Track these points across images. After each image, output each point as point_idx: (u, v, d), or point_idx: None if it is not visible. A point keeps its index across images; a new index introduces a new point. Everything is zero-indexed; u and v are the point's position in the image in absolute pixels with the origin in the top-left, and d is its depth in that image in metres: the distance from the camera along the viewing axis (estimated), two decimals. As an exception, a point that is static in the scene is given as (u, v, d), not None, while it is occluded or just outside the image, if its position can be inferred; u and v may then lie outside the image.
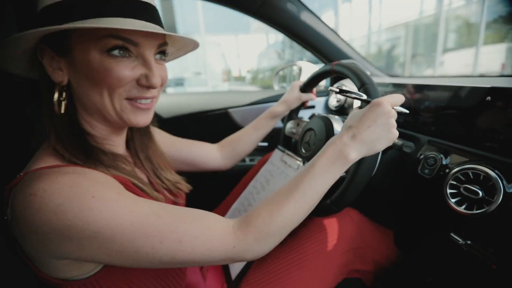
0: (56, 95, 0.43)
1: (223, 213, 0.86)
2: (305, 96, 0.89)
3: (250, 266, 0.62)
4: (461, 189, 0.52)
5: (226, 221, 0.44)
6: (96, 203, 0.35)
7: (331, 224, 0.72)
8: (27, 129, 0.62)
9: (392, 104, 0.49)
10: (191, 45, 0.54)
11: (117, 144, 0.52)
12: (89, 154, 0.43)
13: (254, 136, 0.88)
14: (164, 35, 0.45)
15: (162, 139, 0.74)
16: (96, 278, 0.42)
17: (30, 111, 0.63)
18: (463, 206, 0.52)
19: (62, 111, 0.43)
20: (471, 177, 0.52)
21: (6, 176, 0.41)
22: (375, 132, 0.46)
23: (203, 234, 0.40)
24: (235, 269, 0.64)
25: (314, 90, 0.91)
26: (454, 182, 0.54)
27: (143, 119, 0.47)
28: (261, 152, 1.30)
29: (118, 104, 0.44)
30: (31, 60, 0.44)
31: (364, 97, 0.54)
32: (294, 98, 0.88)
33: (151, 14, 0.43)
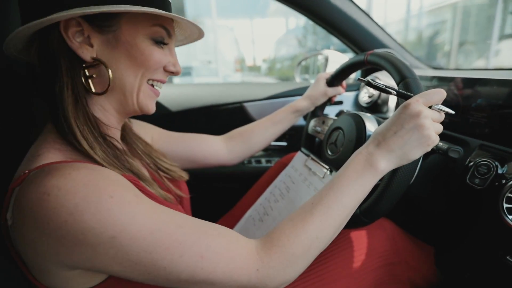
0: (86, 72, 0.46)
1: (234, 221, 0.87)
2: (332, 91, 0.88)
3: None
4: (521, 204, 0.50)
5: (249, 241, 0.45)
6: (114, 204, 0.36)
7: (361, 237, 0.71)
8: (29, 124, 0.65)
9: (427, 103, 0.47)
10: (196, 34, 0.60)
11: (117, 137, 0.56)
12: (102, 145, 0.47)
13: (270, 130, 0.86)
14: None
15: (156, 134, 0.77)
16: None
17: (33, 105, 0.66)
18: (523, 224, 0.50)
19: (93, 90, 0.47)
20: (534, 190, 0.50)
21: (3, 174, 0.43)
22: (403, 138, 0.46)
23: (226, 251, 0.41)
24: None
25: (344, 83, 0.90)
26: (512, 196, 0.52)
27: (153, 105, 0.56)
28: (279, 153, 1.30)
29: (143, 86, 0.52)
30: (33, 36, 0.45)
31: (394, 93, 0.52)
32: (320, 93, 0.87)
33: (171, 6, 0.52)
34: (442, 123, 0.49)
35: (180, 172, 0.70)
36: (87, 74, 0.46)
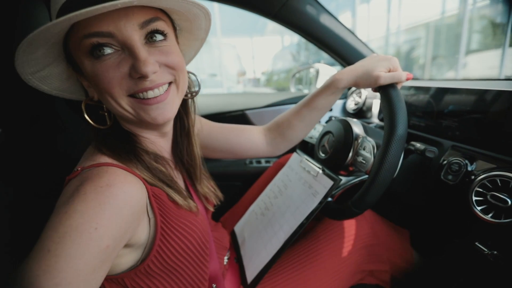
0: (100, 111, 0.45)
1: (239, 214, 0.87)
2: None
3: (266, 271, 0.63)
4: (488, 197, 0.50)
5: None
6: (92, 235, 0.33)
7: (344, 223, 0.72)
8: (54, 124, 0.65)
9: None
10: (202, 19, 0.45)
11: (163, 148, 0.52)
12: (133, 155, 0.44)
13: (307, 118, 0.67)
14: (151, 10, 0.39)
15: (202, 126, 0.70)
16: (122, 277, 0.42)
17: (57, 106, 0.66)
18: (490, 215, 0.50)
19: (108, 122, 0.45)
20: (499, 184, 0.50)
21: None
22: None
23: None
24: (251, 273, 0.65)
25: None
26: (480, 190, 0.52)
27: (159, 115, 0.42)
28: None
29: (125, 104, 0.41)
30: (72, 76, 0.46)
31: None
32: (373, 79, 0.57)
33: None
34: (419, 126, 0.48)
35: (217, 193, 0.64)
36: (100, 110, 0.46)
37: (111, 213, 0.34)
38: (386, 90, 0.55)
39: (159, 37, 0.40)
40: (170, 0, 0.36)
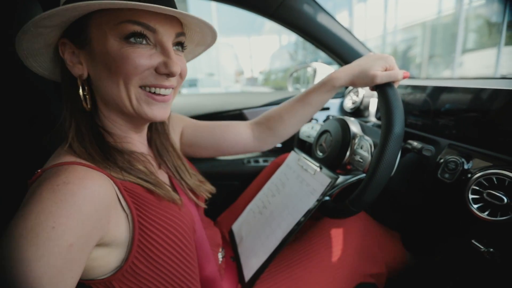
0: (80, 90, 0.43)
1: (237, 213, 0.87)
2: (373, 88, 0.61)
3: (264, 269, 0.63)
4: (484, 195, 0.51)
5: None
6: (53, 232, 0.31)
7: (341, 223, 0.72)
8: (50, 125, 0.64)
9: None
10: (209, 36, 0.50)
11: (137, 142, 0.51)
12: (105, 155, 0.43)
13: (300, 113, 0.66)
14: (181, 25, 0.45)
15: (185, 125, 0.70)
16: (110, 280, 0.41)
17: (53, 108, 0.65)
18: (486, 213, 0.51)
19: (89, 105, 0.44)
20: (495, 182, 0.50)
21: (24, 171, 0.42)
22: None
23: None
24: (249, 271, 0.65)
25: None
26: (477, 188, 0.52)
27: (160, 112, 0.45)
28: (275, 153, 1.30)
29: (134, 94, 0.42)
30: (53, 58, 0.45)
31: None
32: (368, 78, 0.57)
33: (169, 0, 0.42)
34: (415, 125, 0.49)
35: (206, 187, 0.62)
36: (84, 91, 0.43)
37: (70, 211, 0.33)
38: (383, 89, 0.55)
39: (180, 48, 0.46)
40: (207, 27, 0.45)
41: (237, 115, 1.25)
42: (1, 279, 0.29)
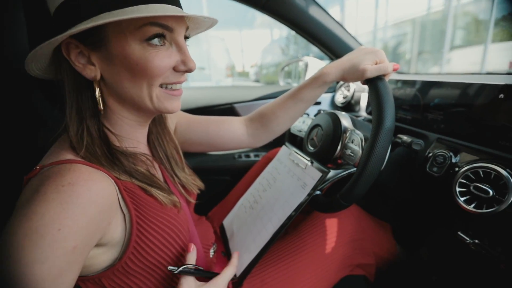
0: (97, 92, 0.41)
1: (228, 208, 0.86)
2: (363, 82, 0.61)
3: (255, 263, 0.63)
4: (471, 188, 0.52)
5: None
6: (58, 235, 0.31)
7: (331, 217, 0.73)
8: (33, 119, 0.62)
9: None
10: (209, 23, 0.51)
11: (139, 139, 0.51)
12: (113, 159, 0.42)
13: (292, 110, 0.67)
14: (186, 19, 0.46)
15: (179, 119, 0.70)
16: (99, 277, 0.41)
17: (35, 100, 0.63)
18: (472, 205, 0.52)
19: (101, 107, 0.42)
20: (482, 175, 0.51)
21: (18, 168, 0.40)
22: None
23: None
24: (240, 266, 0.64)
25: None
26: (464, 181, 0.53)
27: (178, 105, 0.48)
28: (266, 148, 1.29)
29: (155, 93, 0.43)
30: (53, 58, 0.41)
31: None
32: (359, 73, 0.56)
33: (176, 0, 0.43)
34: (405, 119, 0.49)
35: (196, 183, 0.62)
36: (98, 92, 0.42)
37: (75, 212, 0.32)
38: (373, 83, 0.55)
39: (186, 41, 0.47)
40: (214, 21, 0.49)
41: (228, 109, 1.24)
42: (2, 279, 0.28)
